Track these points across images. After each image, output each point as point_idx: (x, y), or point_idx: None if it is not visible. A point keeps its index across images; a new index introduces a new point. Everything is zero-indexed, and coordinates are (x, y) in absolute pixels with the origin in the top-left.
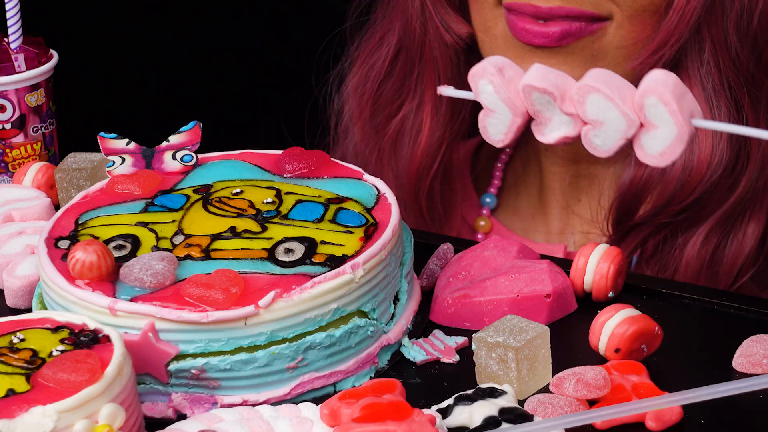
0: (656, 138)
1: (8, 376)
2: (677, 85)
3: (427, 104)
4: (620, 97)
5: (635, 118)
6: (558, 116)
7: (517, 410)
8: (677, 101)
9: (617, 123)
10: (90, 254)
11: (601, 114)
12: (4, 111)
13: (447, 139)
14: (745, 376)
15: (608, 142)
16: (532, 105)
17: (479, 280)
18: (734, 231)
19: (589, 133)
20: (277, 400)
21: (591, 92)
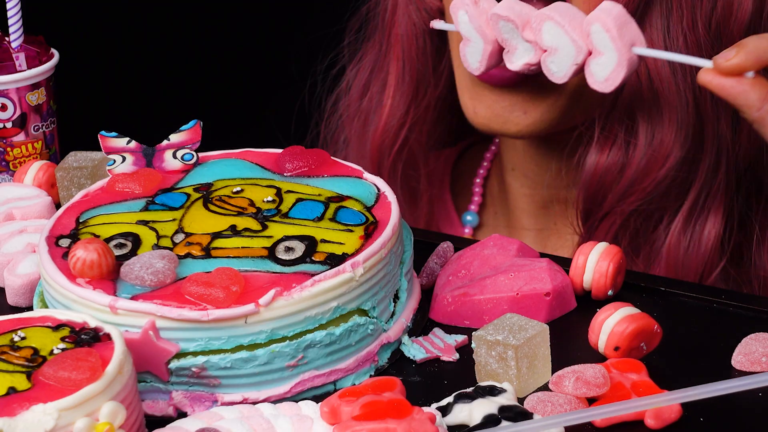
0: (601, 64)
1: (9, 374)
2: (621, 14)
3: (391, 83)
4: (571, 25)
5: (583, 44)
6: (522, 44)
7: (517, 408)
8: (618, 28)
9: (569, 49)
10: (91, 253)
11: (555, 41)
12: (5, 110)
13: (409, 119)
14: (744, 374)
15: (563, 68)
16: (500, 33)
17: (479, 279)
18: (697, 226)
19: (546, 59)
20: (278, 398)
21: (546, 20)
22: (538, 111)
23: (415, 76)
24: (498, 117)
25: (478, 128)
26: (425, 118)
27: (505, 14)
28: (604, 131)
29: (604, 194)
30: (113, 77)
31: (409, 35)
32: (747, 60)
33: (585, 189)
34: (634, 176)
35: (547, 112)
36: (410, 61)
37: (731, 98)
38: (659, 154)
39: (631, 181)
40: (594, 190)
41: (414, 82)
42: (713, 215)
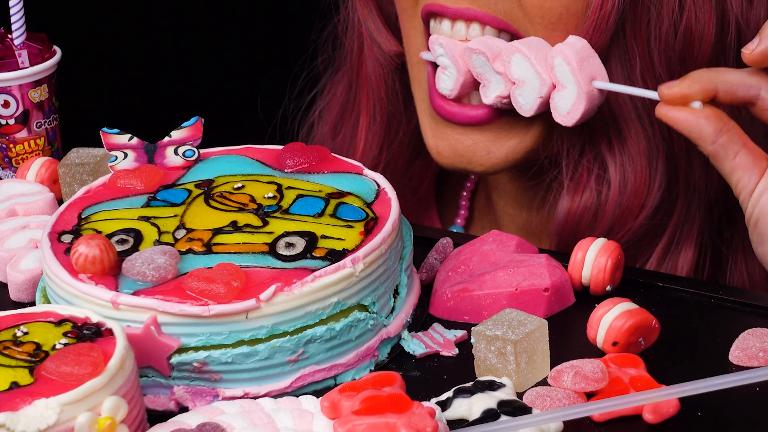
0: (564, 97)
1: (12, 369)
2: (583, 48)
3: (363, 124)
4: (536, 58)
5: (548, 77)
6: (494, 77)
7: (516, 403)
8: (579, 62)
9: (534, 82)
10: (93, 248)
11: (522, 73)
12: (8, 106)
13: (383, 159)
14: (741, 369)
15: (529, 101)
16: (474, 67)
17: (478, 274)
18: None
19: (515, 92)
20: (278, 392)
21: (515, 52)
22: (502, 151)
23: (386, 116)
24: (461, 157)
25: (443, 166)
26: (399, 156)
27: (476, 47)
28: (574, 178)
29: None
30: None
31: (377, 75)
32: (690, 88)
33: (558, 236)
34: (612, 220)
35: (511, 153)
36: (380, 101)
37: (686, 131)
38: (634, 204)
39: (608, 226)
40: (567, 238)
41: (385, 121)
42: (686, 249)
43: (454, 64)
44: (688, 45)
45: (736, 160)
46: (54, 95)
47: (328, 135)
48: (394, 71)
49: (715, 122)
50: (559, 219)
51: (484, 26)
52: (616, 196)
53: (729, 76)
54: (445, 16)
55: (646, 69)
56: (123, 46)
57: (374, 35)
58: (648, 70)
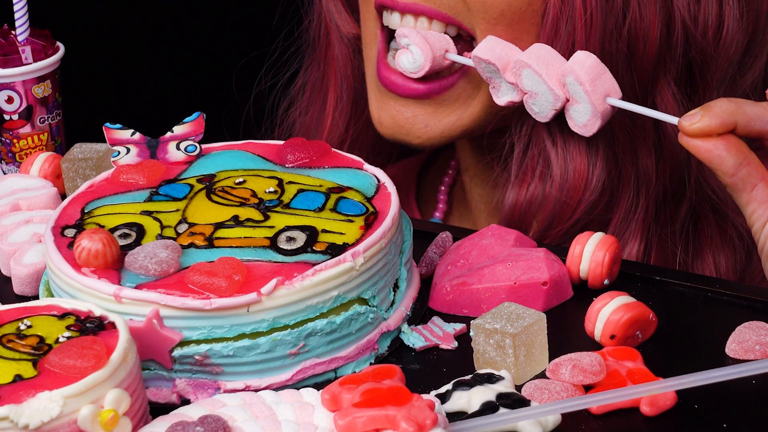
0: (579, 111)
1: (15, 362)
2: (595, 65)
3: (330, 101)
4: (548, 74)
5: (561, 93)
6: (504, 84)
7: (515, 395)
8: (591, 81)
9: (547, 96)
10: (96, 242)
11: (534, 86)
12: (12, 102)
13: (350, 136)
14: (737, 362)
15: (543, 111)
16: (483, 72)
17: (477, 268)
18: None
19: (528, 100)
20: (279, 385)
21: (524, 67)
22: (439, 126)
23: (352, 94)
24: (401, 128)
25: (384, 137)
26: (365, 133)
27: (485, 57)
28: (519, 174)
29: (525, 231)
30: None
31: (343, 55)
32: (711, 123)
33: (506, 224)
34: (552, 213)
35: (447, 129)
36: (347, 79)
37: (707, 161)
38: (572, 199)
39: (549, 219)
40: (515, 227)
41: (351, 99)
42: (632, 242)
43: (423, 52)
44: (633, 45)
45: (753, 192)
46: (57, 91)
47: (302, 112)
48: (360, 51)
49: (736, 155)
50: (504, 212)
51: (431, 20)
52: (557, 191)
53: (748, 109)
54: (395, 9)
55: None
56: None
57: (335, 17)
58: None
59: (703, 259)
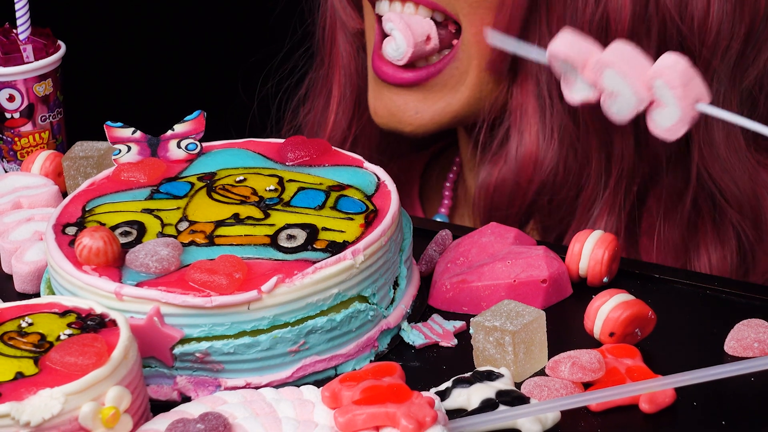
0: (664, 115)
1: (17, 359)
2: (686, 70)
3: (334, 98)
4: (633, 75)
5: (645, 96)
6: (580, 81)
7: (514, 393)
8: (683, 86)
9: (629, 97)
10: (97, 240)
11: (615, 87)
12: (13, 100)
13: (352, 133)
14: (736, 359)
15: (623, 112)
16: (558, 69)
17: (477, 266)
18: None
19: (606, 101)
20: (280, 382)
21: (607, 66)
22: (429, 112)
23: (356, 91)
24: (393, 116)
25: (380, 126)
26: (369, 131)
27: (563, 55)
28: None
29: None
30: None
31: (348, 53)
32: None
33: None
34: (509, 193)
35: (438, 114)
36: (350, 77)
37: None
38: (524, 174)
39: (507, 198)
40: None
41: (355, 97)
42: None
43: (405, 38)
44: (605, 20)
45: None
46: (58, 89)
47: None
48: (364, 49)
49: None
50: (477, 194)
51: (417, 6)
52: (511, 171)
53: None
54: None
55: None
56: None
57: (340, 13)
58: None
59: (699, 255)
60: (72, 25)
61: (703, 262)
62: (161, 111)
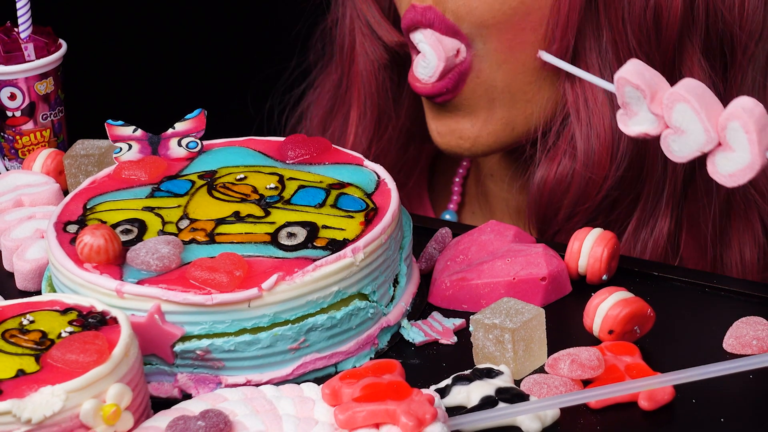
0: (730, 159)
1: (18, 356)
2: (762, 116)
3: (353, 118)
4: (707, 114)
5: (715, 136)
6: (644, 113)
7: (514, 390)
8: (758, 132)
9: (697, 136)
10: (98, 238)
11: (684, 123)
12: (15, 99)
13: (372, 153)
14: (735, 356)
15: (684, 151)
16: (622, 96)
17: (476, 264)
18: (649, 228)
19: (668, 137)
20: (280, 380)
21: (680, 101)
22: (479, 123)
23: (376, 111)
24: (453, 132)
25: (444, 150)
26: (388, 150)
27: (635, 82)
28: (547, 150)
29: (555, 210)
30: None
31: (368, 71)
32: None
33: (534, 206)
34: (579, 191)
35: (488, 122)
36: (371, 96)
37: None
38: (600, 169)
39: (577, 196)
40: (545, 208)
41: (375, 116)
42: (662, 220)
43: (435, 51)
44: (658, 16)
45: None
46: (59, 88)
47: (316, 129)
48: (385, 68)
49: None
50: (533, 191)
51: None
52: (582, 167)
53: None
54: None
55: (619, 40)
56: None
57: (374, 28)
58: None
59: (731, 248)
60: (73, 24)
61: (734, 256)
62: (162, 109)
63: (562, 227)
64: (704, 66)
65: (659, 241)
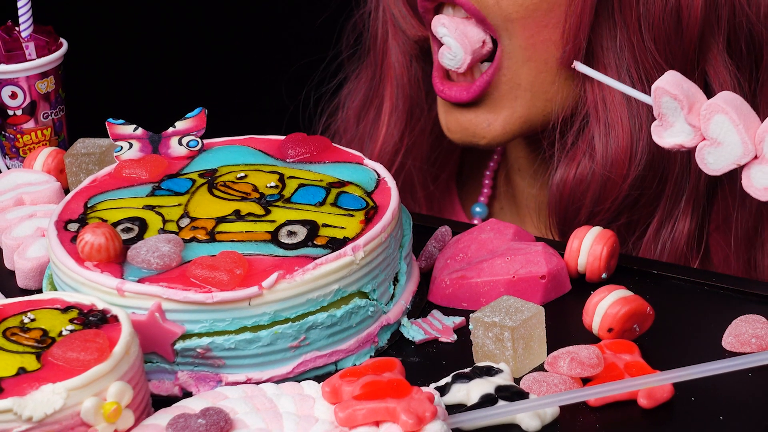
0: (766, 173)
1: (19, 354)
2: None
3: (386, 110)
4: (745, 126)
5: (752, 148)
6: (681, 124)
7: (513, 388)
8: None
9: (734, 148)
10: (98, 237)
11: (722, 135)
12: (16, 98)
13: (404, 144)
14: (734, 354)
15: (720, 163)
16: (659, 107)
17: (476, 262)
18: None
19: (704, 149)
20: (280, 378)
21: (719, 112)
22: (500, 122)
23: (408, 102)
24: (466, 130)
25: (455, 142)
26: (421, 142)
27: (674, 92)
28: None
29: (576, 210)
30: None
31: (400, 63)
32: None
33: (555, 206)
34: (599, 192)
35: (507, 123)
36: (403, 87)
37: None
38: (617, 175)
39: (596, 197)
40: (565, 208)
41: (407, 108)
42: (681, 221)
43: (461, 43)
44: (676, 18)
45: None
46: (60, 86)
47: (351, 121)
48: (417, 59)
49: None
50: (552, 192)
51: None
52: (600, 167)
53: None
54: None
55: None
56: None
57: (399, 22)
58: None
59: (764, 247)
60: (74, 23)
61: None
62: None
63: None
64: (729, 66)
65: (679, 241)
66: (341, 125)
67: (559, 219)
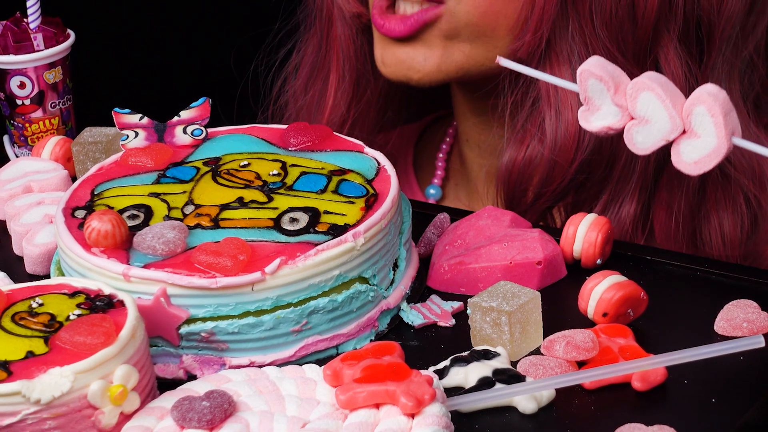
0: (695, 146)
1: (27, 338)
2: (726, 101)
3: (332, 81)
4: (671, 101)
5: (680, 123)
6: (608, 106)
7: (510, 371)
8: (724, 116)
9: (662, 124)
10: (105, 223)
11: (649, 112)
12: (24, 88)
13: (351, 115)
14: (726, 338)
15: (648, 141)
16: (585, 91)
17: (474, 248)
18: (615, 210)
19: (632, 128)
20: (283, 361)
21: (645, 89)
22: (435, 60)
23: (355, 74)
24: (402, 63)
25: (387, 77)
26: (367, 113)
27: (598, 73)
28: (515, 131)
29: (524, 189)
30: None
31: (346, 35)
32: None
33: (504, 185)
34: (546, 173)
35: (444, 62)
36: (349, 60)
37: None
38: (565, 151)
39: (544, 179)
40: (513, 187)
41: (353, 79)
42: (627, 204)
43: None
44: (631, 6)
45: None
46: (68, 77)
47: (299, 91)
48: (362, 31)
49: None
50: (501, 171)
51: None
52: (549, 151)
53: None
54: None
55: (588, 32)
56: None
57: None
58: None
59: (709, 222)
60: (81, 15)
61: (714, 230)
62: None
63: (529, 207)
64: (681, 53)
65: (625, 221)
66: (291, 95)
67: (507, 197)
